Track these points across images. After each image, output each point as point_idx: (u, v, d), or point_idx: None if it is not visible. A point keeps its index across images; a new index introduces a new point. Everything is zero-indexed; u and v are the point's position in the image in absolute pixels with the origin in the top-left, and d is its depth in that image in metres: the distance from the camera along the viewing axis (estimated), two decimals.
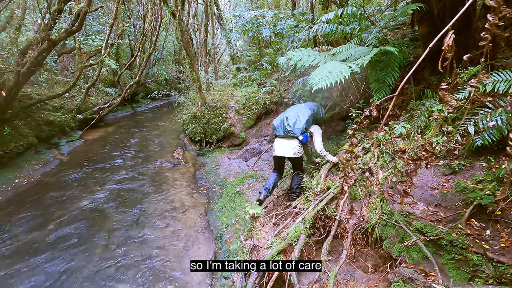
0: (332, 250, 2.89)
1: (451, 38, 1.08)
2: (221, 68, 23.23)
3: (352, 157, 1.55)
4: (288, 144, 3.49)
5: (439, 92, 1.24)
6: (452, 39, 1.09)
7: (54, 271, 3.51)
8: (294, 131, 3.41)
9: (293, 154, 3.49)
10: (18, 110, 7.44)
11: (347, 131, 1.62)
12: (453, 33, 1.25)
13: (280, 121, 3.56)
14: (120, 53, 14.88)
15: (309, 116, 3.51)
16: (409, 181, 1.51)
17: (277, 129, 3.58)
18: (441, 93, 1.22)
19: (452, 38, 1.09)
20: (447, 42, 1.10)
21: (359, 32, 4.61)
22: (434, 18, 3.88)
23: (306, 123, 3.46)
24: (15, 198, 5.42)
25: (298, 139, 3.44)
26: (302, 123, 3.41)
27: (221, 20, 16.15)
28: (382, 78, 3.89)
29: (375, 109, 1.34)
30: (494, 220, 2.28)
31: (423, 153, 1.41)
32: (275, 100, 7.91)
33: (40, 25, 7.08)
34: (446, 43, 1.11)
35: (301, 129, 3.42)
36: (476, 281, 1.90)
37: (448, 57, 1.13)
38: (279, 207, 3.85)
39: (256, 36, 7.27)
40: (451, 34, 1.10)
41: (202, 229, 4.45)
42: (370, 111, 1.36)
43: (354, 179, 1.55)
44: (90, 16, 12.78)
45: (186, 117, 9.14)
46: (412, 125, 3.49)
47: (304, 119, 3.45)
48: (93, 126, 10.34)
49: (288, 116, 3.53)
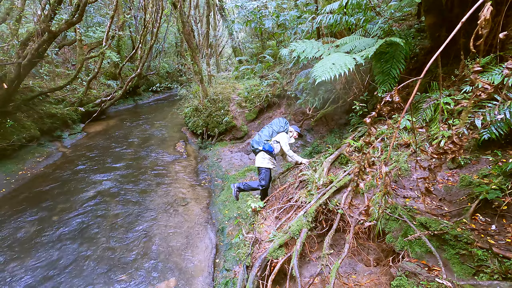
0: (334, 243, 2.88)
1: (488, 10, 0.98)
2: (223, 61, 23.02)
3: (369, 150, 1.44)
4: (256, 157, 4.10)
5: (470, 75, 1.12)
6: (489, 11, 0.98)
7: (56, 263, 3.55)
8: (257, 144, 4.02)
9: (258, 164, 4.03)
10: (20, 103, 7.43)
11: (364, 119, 1.46)
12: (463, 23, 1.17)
13: (252, 140, 4.14)
14: (121, 45, 14.76)
15: (271, 132, 4.03)
16: (433, 177, 1.36)
17: (251, 145, 4.17)
18: (472, 76, 1.10)
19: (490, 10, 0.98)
20: (484, 14, 0.99)
21: (364, 23, 4.50)
22: (442, 8, 3.76)
23: (268, 137, 4.00)
24: (19, 190, 5.46)
25: (263, 150, 3.99)
26: (263, 139, 4.00)
27: (223, 11, 15.91)
28: (387, 70, 3.81)
29: (397, 94, 1.24)
30: (500, 215, 2.24)
31: (450, 146, 1.27)
32: (277, 93, 7.83)
33: (40, 16, 7.00)
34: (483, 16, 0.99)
35: (262, 142, 3.98)
36: (480, 276, 1.88)
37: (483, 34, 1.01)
38: (281, 201, 3.84)
39: (259, 27, 7.13)
40: (488, 6, 0.99)
41: (204, 221, 4.46)
42: (391, 95, 1.26)
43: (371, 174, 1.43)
44: (90, 7, 12.62)
45: (188, 110, 9.09)
46: (417, 118, 3.43)
47: (265, 136, 4.01)
48: (95, 119, 10.35)
49: (258, 135, 4.10)
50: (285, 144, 3.98)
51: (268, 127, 4.10)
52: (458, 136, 1.24)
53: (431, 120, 3.34)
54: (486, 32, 1.00)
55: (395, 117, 3.76)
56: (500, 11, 3.11)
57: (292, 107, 7.26)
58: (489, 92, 1.07)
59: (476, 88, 1.10)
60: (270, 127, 4.10)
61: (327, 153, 4.10)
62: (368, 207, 1.66)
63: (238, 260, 3.29)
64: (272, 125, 4.10)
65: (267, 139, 4.01)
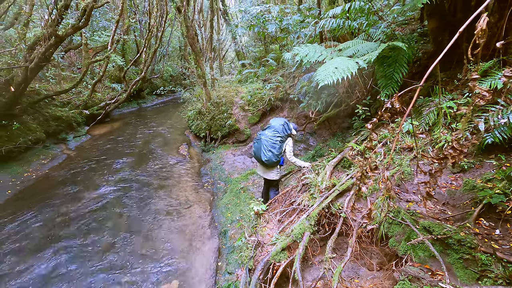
0: (337, 247, 2.87)
1: (485, 21, 1.00)
2: (226, 64, 23.18)
3: (371, 154, 1.46)
4: (267, 170, 3.96)
5: (469, 83, 1.14)
6: (485, 22, 1.00)
7: (60, 264, 3.58)
8: (271, 162, 3.77)
9: (272, 177, 3.96)
10: (26, 106, 7.55)
11: (366, 125, 1.47)
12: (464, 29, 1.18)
13: (257, 149, 3.86)
14: (126, 49, 14.93)
15: (279, 144, 3.78)
16: (434, 182, 1.38)
17: (257, 155, 3.87)
18: (471, 83, 1.12)
19: (486, 20, 1.00)
20: (480, 25, 1.01)
21: (366, 27, 4.52)
22: (445, 13, 3.78)
23: (279, 150, 3.77)
24: (24, 191, 5.53)
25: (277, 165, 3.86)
26: (275, 154, 3.75)
27: (227, 16, 16.07)
28: (390, 74, 3.82)
29: (398, 100, 1.25)
30: (504, 220, 2.23)
31: (450, 151, 1.27)
32: (280, 97, 7.86)
33: (47, 21, 7.12)
34: (479, 26, 1.01)
35: (275, 159, 3.75)
36: (484, 281, 1.86)
37: (480, 43, 1.03)
38: (284, 204, 3.85)
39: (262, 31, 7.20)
40: (484, 16, 1.01)
41: (207, 224, 4.47)
42: (391, 102, 1.27)
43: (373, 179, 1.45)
44: (96, 12, 12.82)
45: (191, 113, 9.15)
46: (420, 122, 3.43)
47: (276, 151, 3.75)
48: (100, 122, 10.45)
49: (265, 146, 3.79)
50: (289, 152, 3.84)
51: (273, 134, 3.76)
52: (458, 142, 1.25)
53: (434, 124, 3.34)
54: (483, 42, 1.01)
55: (397, 121, 3.76)
56: (503, 16, 3.13)
57: (295, 110, 7.28)
58: (487, 99, 1.08)
59: (474, 95, 1.11)
60: (275, 132, 3.76)
61: (330, 156, 4.10)
62: (371, 210, 1.67)
63: (241, 263, 3.29)
64: (277, 130, 3.77)
65: (278, 152, 3.76)
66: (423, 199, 1.45)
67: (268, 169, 3.92)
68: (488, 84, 2.85)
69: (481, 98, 1.07)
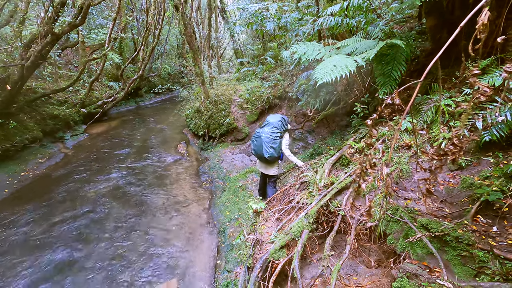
0: (335, 245, 2.88)
1: (486, 15, 0.99)
2: (224, 63, 23.09)
3: (371, 151, 1.44)
4: (269, 166, 4.06)
5: (469, 79, 1.13)
6: (487, 16, 0.99)
7: (58, 263, 3.56)
8: (273, 158, 3.87)
9: (273, 173, 4.08)
10: (23, 104, 7.49)
11: (366, 121, 1.45)
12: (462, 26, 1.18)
13: (258, 147, 3.91)
14: (123, 47, 14.84)
15: (279, 139, 3.88)
16: (434, 179, 1.36)
17: (258, 152, 3.92)
18: (471, 79, 1.11)
19: (488, 15, 0.99)
20: (482, 19, 1.00)
21: (365, 25, 4.51)
22: (443, 11, 3.78)
23: (280, 146, 3.89)
24: (21, 190, 5.49)
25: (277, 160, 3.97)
26: (276, 150, 3.84)
27: (225, 14, 15.98)
28: (388, 72, 3.82)
29: (398, 96, 1.24)
30: (501, 217, 2.24)
31: (450, 147, 1.26)
32: (278, 95, 7.84)
33: (43, 19, 7.06)
34: (481, 21, 1.00)
35: (276, 154, 3.86)
36: (482, 278, 1.88)
37: (481, 38, 1.02)
38: (282, 202, 3.85)
39: (260, 29, 7.16)
40: (486, 11, 1.00)
41: (205, 223, 4.47)
42: (392, 98, 1.26)
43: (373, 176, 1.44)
44: (93, 10, 12.70)
45: (189, 111, 9.12)
46: (418, 120, 3.44)
47: (277, 146, 3.86)
48: (97, 120, 10.40)
49: (266, 143, 3.85)
50: (285, 144, 3.95)
51: (272, 130, 3.84)
52: (458, 138, 1.25)
53: (432, 121, 3.35)
54: (484, 37, 1.01)
55: (396, 119, 3.77)
56: (501, 14, 3.13)
57: (293, 108, 7.27)
58: (488, 95, 1.08)
59: (475, 91, 1.11)
60: (274, 128, 3.84)
61: (328, 154, 4.10)
62: (370, 208, 1.67)
63: (239, 261, 3.29)
64: (276, 127, 3.84)
65: (279, 148, 3.86)
66: (423, 196, 1.45)
67: (269, 165, 4.02)
68: (486, 82, 2.86)
69: (482, 94, 1.06)
